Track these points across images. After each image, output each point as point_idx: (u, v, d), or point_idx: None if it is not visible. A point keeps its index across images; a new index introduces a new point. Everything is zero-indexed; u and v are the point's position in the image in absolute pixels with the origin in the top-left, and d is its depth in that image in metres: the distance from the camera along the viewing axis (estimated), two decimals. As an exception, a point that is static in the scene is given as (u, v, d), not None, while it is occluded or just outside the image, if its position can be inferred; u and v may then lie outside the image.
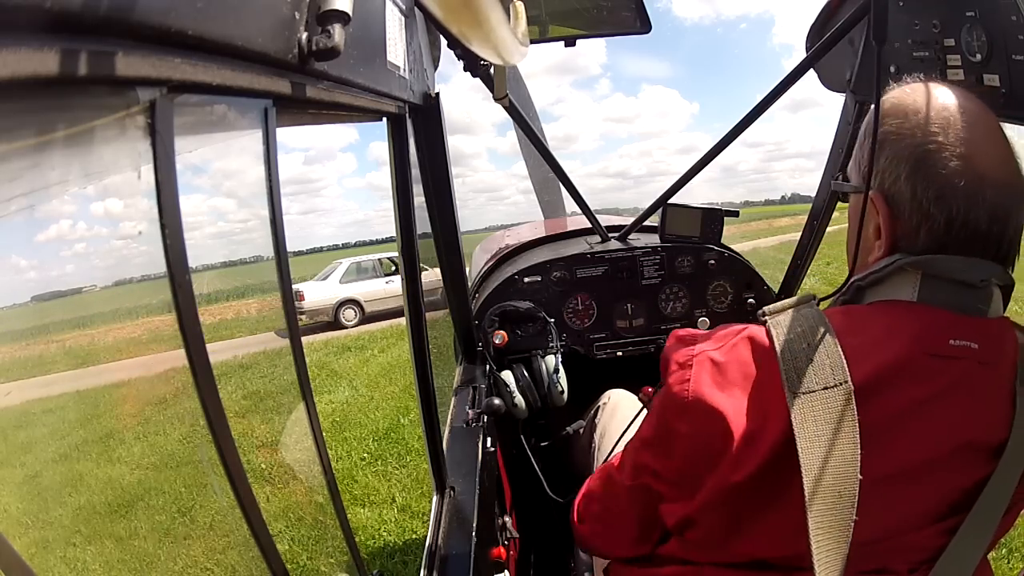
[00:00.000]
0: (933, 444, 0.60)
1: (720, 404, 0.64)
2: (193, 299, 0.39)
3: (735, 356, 0.67)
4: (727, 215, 1.88)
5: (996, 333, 0.64)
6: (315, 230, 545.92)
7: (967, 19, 0.89)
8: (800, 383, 0.59)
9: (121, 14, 0.28)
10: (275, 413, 3.71)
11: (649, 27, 1.47)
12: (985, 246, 0.63)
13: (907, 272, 0.66)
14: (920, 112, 0.65)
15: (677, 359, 0.71)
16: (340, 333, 8.59)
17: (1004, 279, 0.66)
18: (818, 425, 0.57)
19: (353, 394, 5.68)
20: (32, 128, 0.29)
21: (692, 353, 0.70)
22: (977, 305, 0.64)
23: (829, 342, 0.61)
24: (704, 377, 0.67)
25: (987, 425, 0.61)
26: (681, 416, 0.68)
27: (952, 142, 0.62)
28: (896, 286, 0.67)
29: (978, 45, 0.88)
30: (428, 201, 1.30)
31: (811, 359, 0.60)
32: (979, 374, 0.62)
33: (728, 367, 0.66)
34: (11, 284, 0.83)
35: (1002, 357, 0.63)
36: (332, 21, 0.48)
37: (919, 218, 0.64)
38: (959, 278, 0.64)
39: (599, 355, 1.86)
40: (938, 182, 0.62)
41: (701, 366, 0.68)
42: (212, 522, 2.71)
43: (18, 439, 2.32)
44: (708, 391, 0.65)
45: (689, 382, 0.67)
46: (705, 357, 0.68)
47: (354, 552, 0.81)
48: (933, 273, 0.64)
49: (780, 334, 0.64)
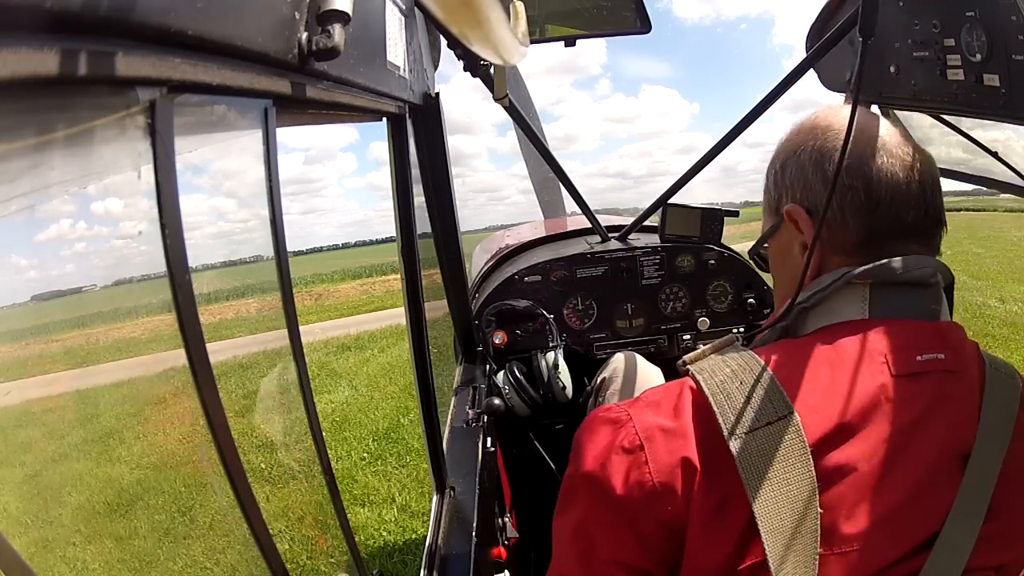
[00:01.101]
0: (925, 469, 0.56)
1: (687, 477, 0.55)
2: (193, 299, 0.39)
3: (681, 419, 0.58)
4: (727, 215, 1.88)
5: (956, 340, 0.62)
6: (315, 230, 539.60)
7: (967, 19, 0.89)
8: (739, 424, 0.54)
9: (121, 14, 0.28)
10: (275, 413, 3.70)
11: (649, 27, 1.47)
12: (906, 201, 0.62)
13: (853, 286, 0.62)
14: (803, 130, 0.69)
15: (622, 444, 0.58)
16: (340, 333, 8.60)
17: (947, 276, 0.65)
18: (767, 462, 0.53)
19: (353, 394, 5.68)
20: (32, 128, 0.29)
21: (635, 431, 0.58)
22: (931, 306, 0.62)
23: (764, 377, 0.57)
24: (660, 451, 0.57)
25: (969, 438, 0.58)
26: (650, 508, 0.56)
27: (837, 130, 0.65)
28: (843, 304, 0.63)
29: (978, 45, 0.88)
30: (428, 201, 1.30)
31: (748, 397, 0.55)
32: (951, 385, 0.59)
33: (679, 431, 0.57)
34: (11, 284, 0.83)
35: (967, 365, 0.61)
36: (332, 21, 0.48)
37: (839, 198, 0.63)
38: (909, 278, 0.61)
39: (599, 355, 1.86)
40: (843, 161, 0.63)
41: (653, 443, 0.57)
42: (212, 522, 2.70)
43: (18, 439, 2.32)
44: (670, 468, 0.56)
45: (647, 465, 0.56)
46: (653, 429, 0.58)
47: (354, 552, 0.81)
48: (883, 280, 0.62)
49: (707, 380, 0.58)
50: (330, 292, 16.37)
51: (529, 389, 1.69)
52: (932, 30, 0.97)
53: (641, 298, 1.88)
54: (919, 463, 0.56)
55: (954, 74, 0.96)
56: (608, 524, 0.59)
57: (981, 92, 0.92)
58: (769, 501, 0.52)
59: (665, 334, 1.90)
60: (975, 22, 0.88)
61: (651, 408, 0.60)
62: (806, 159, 0.66)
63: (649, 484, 0.56)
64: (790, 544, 0.51)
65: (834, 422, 0.55)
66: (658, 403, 0.60)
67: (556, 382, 1.70)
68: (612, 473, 0.58)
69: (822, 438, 0.54)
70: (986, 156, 1.21)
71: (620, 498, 0.57)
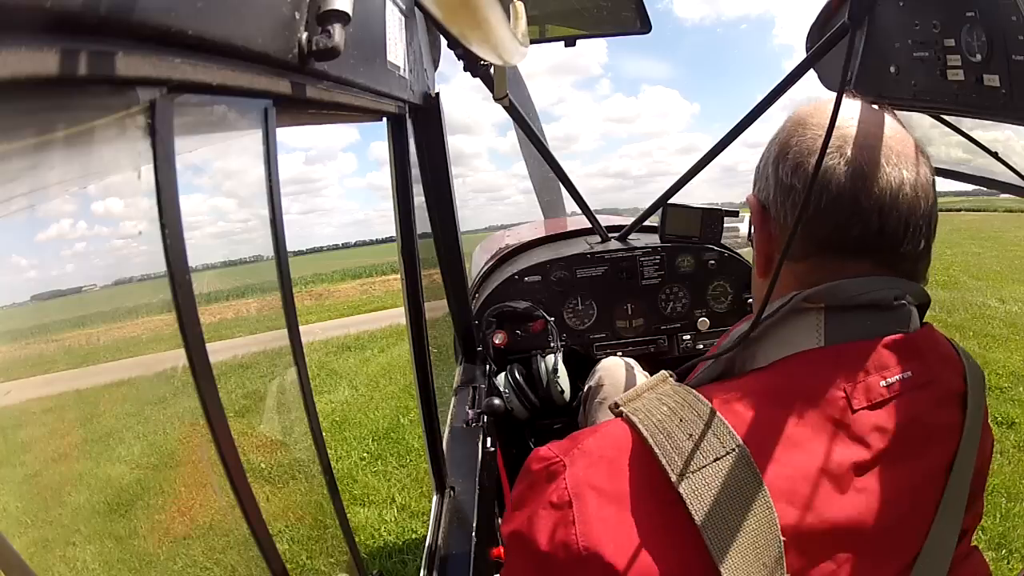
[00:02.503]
0: (899, 499, 0.52)
1: (623, 542, 0.48)
2: (193, 299, 0.39)
3: (617, 473, 0.51)
4: (727, 215, 1.88)
5: (925, 346, 0.57)
6: (315, 230, 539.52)
7: (967, 19, 0.89)
8: (685, 463, 0.49)
9: (121, 14, 0.28)
10: (275, 413, 3.70)
11: (649, 27, 1.47)
12: (857, 220, 0.55)
13: (806, 312, 0.56)
14: (791, 116, 0.63)
15: (549, 499, 0.51)
16: (340, 333, 8.60)
17: (920, 297, 0.58)
18: (718, 495, 0.47)
19: (353, 394, 5.68)
20: (32, 128, 0.29)
21: (565, 484, 0.51)
22: (895, 329, 0.55)
23: (705, 411, 0.51)
24: (590, 512, 0.49)
25: (947, 447, 0.55)
26: (574, 574, 0.49)
27: (808, 122, 0.59)
28: (795, 331, 0.56)
29: (978, 45, 0.88)
30: (428, 201, 1.30)
31: (690, 434, 0.50)
32: (921, 402, 0.54)
33: (612, 485, 0.50)
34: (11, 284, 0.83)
35: (940, 371, 0.57)
36: (332, 21, 0.48)
37: (782, 196, 0.58)
38: (867, 300, 0.55)
39: (599, 355, 1.86)
40: (794, 152, 0.58)
41: (582, 500, 0.50)
42: (212, 522, 2.70)
43: (18, 439, 2.32)
44: (601, 531, 0.49)
45: (574, 525, 0.49)
46: (584, 487, 0.51)
47: (354, 552, 0.81)
48: (838, 304, 0.55)
49: (643, 420, 0.52)
50: (330, 292, 16.39)
51: (529, 393, 1.70)
52: (932, 30, 0.97)
53: (641, 298, 1.88)
54: (892, 494, 0.51)
55: (954, 74, 0.96)
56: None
57: (981, 92, 0.92)
58: (730, 546, 0.46)
59: (665, 334, 1.90)
60: (975, 22, 0.88)
61: (584, 458, 0.53)
62: (771, 150, 0.61)
63: (575, 547, 0.49)
64: None
65: (790, 473, 0.49)
66: (591, 452, 0.53)
67: (555, 386, 1.71)
68: (538, 529, 0.51)
69: (780, 492, 0.48)
70: (986, 156, 1.21)
71: (545, 555, 0.50)
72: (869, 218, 0.55)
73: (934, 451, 0.55)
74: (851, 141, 0.56)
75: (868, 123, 0.58)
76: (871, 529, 0.50)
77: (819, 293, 0.55)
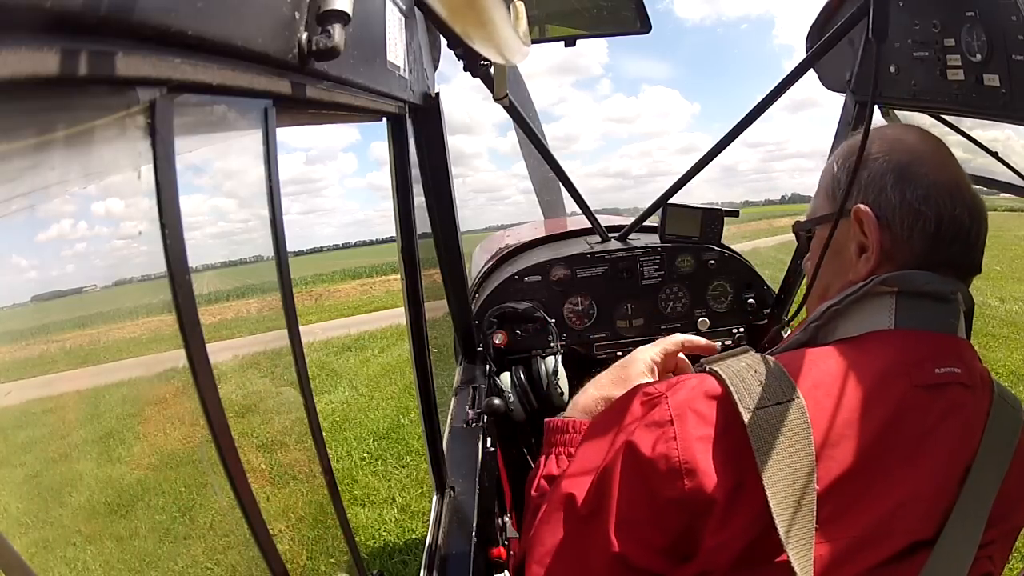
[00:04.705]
0: (928, 476, 0.61)
1: (714, 458, 0.60)
2: (193, 299, 0.39)
3: (709, 403, 0.63)
4: (727, 215, 1.88)
5: (969, 356, 0.67)
6: (315, 230, 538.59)
7: (967, 19, 0.89)
8: (752, 400, 0.60)
9: (121, 14, 0.28)
10: (275, 413, 3.71)
11: (649, 27, 1.47)
12: (966, 246, 0.68)
13: (881, 296, 0.68)
14: (887, 140, 0.73)
15: (654, 418, 0.64)
16: (340, 333, 8.60)
17: (968, 302, 0.70)
18: (774, 436, 0.58)
19: (353, 394, 5.68)
20: (32, 128, 0.29)
21: (667, 407, 0.64)
22: (950, 320, 0.68)
23: (775, 369, 0.63)
24: (690, 432, 0.61)
25: (972, 450, 0.63)
26: (672, 483, 0.60)
27: (924, 158, 0.70)
28: (871, 312, 0.68)
29: (978, 45, 0.88)
30: (428, 201, 1.29)
31: (761, 381, 0.62)
32: (964, 399, 0.64)
33: (707, 415, 0.62)
34: (11, 284, 0.83)
35: (980, 381, 0.66)
36: (332, 21, 0.48)
37: (912, 219, 0.68)
38: (931, 290, 0.67)
39: (599, 355, 1.86)
40: (923, 184, 0.68)
41: (683, 420, 0.62)
42: (212, 522, 2.70)
43: (18, 439, 2.32)
44: (699, 447, 0.60)
45: (675, 440, 0.61)
46: (684, 409, 0.63)
47: (354, 552, 0.81)
48: (910, 290, 0.67)
49: (725, 369, 0.64)
50: (330, 292, 16.40)
51: (531, 395, 1.70)
52: (932, 30, 0.97)
53: (641, 298, 1.88)
54: (923, 470, 0.60)
55: (954, 74, 0.96)
56: (630, 482, 0.64)
57: (981, 92, 0.92)
58: (775, 470, 0.57)
59: (665, 334, 1.90)
60: (975, 22, 0.88)
61: (682, 391, 0.65)
62: (889, 169, 0.70)
63: (675, 458, 0.60)
64: (793, 517, 0.56)
65: (842, 419, 0.59)
66: (687, 388, 0.65)
67: (555, 388, 1.71)
68: (640, 441, 0.63)
69: (828, 430, 0.59)
70: (986, 156, 1.21)
71: (648, 460, 0.62)
72: (973, 248, 0.69)
73: (961, 445, 0.63)
74: (961, 187, 0.69)
75: (953, 158, 0.72)
76: (891, 499, 0.59)
77: (895, 279, 0.67)
